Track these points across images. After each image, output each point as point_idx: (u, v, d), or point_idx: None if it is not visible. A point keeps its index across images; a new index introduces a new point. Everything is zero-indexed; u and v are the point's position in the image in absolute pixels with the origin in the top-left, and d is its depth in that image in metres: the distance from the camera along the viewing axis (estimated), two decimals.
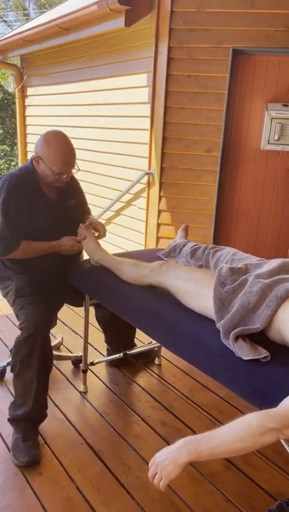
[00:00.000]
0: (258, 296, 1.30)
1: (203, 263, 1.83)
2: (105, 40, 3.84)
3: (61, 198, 1.99)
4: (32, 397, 1.77)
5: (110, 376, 2.39)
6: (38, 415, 1.83)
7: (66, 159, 1.83)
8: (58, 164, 1.82)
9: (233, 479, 1.71)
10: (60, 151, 1.82)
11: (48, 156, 1.81)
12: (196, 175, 3.43)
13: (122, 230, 4.11)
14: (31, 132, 5.67)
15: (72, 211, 2.05)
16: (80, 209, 2.13)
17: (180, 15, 3.20)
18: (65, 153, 1.83)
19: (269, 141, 3.27)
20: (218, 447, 0.99)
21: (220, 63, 3.19)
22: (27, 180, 1.89)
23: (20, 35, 4.56)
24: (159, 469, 1.03)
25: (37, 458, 1.74)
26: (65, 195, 2.01)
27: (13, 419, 1.82)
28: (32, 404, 1.77)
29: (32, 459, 1.72)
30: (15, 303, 1.90)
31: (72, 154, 1.86)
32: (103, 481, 1.68)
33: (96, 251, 1.95)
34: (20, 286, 1.92)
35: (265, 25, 3.05)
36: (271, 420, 0.96)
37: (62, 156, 1.82)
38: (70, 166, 1.85)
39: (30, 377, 1.76)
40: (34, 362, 1.74)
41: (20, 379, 1.78)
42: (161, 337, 1.57)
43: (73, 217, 2.05)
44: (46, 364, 1.80)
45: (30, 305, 1.83)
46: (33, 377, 1.76)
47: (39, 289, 1.92)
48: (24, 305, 1.84)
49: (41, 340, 1.75)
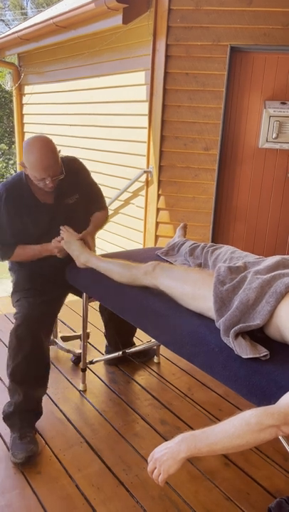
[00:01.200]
0: (257, 292, 1.30)
1: (201, 261, 1.83)
2: (103, 38, 3.83)
3: (59, 198, 1.97)
4: (19, 388, 1.80)
5: (109, 375, 2.39)
6: (28, 407, 1.83)
7: (45, 164, 1.78)
8: (38, 169, 1.79)
9: (232, 477, 1.71)
10: (39, 156, 1.77)
11: (28, 162, 1.80)
12: (195, 173, 3.43)
13: (121, 228, 4.11)
14: (29, 131, 5.65)
15: (71, 209, 2.02)
16: (84, 203, 2.08)
17: (178, 12, 3.20)
18: (44, 158, 1.78)
19: (267, 139, 3.27)
20: (217, 443, 0.99)
21: (218, 61, 3.18)
22: (19, 189, 1.91)
23: (18, 34, 4.54)
24: (157, 464, 1.03)
25: (35, 453, 1.75)
26: (64, 194, 1.99)
27: (7, 416, 1.83)
28: (20, 396, 1.79)
29: (30, 453, 1.73)
30: (14, 295, 2.00)
31: (52, 158, 1.80)
32: (103, 480, 1.68)
33: (81, 253, 1.89)
34: (18, 280, 2.02)
35: (262, 22, 3.04)
36: (270, 417, 0.96)
37: (40, 161, 1.77)
38: (49, 170, 1.80)
39: (14, 367, 1.79)
40: (20, 352, 1.78)
41: (8, 369, 1.82)
42: (160, 335, 1.57)
43: (74, 215, 2.02)
44: (34, 356, 1.81)
45: (25, 299, 1.90)
46: (17, 367, 1.79)
47: (37, 285, 1.97)
48: (20, 298, 1.93)
49: (30, 330, 1.78)
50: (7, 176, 10.58)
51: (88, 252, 1.90)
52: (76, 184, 2.02)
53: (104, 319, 2.40)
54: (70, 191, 2.00)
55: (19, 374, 1.80)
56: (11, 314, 2.99)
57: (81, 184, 2.06)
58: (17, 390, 1.81)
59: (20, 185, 1.91)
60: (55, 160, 1.81)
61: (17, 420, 1.81)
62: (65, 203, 2.00)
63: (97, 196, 2.17)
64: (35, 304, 1.86)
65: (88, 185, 2.12)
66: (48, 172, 1.80)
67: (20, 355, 1.78)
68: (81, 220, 2.04)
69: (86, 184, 2.10)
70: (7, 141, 11.50)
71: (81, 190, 2.05)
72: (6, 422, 1.84)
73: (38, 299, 1.89)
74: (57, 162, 1.83)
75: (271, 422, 0.96)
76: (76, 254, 1.92)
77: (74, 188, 2.01)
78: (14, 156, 9.98)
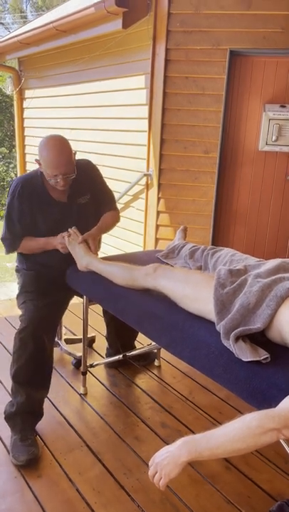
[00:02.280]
0: (258, 295, 1.30)
1: (202, 264, 1.83)
2: (103, 42, 3.85)
3: (72, 197, 2.02)
4: (20, 390, 1.82)
5: (110, 378, 2.39)
6: (29, 408, 1.84)
7: (58, 161, 1.83)
8: (50, 166, 1.84)
9: (233, 480, 1.71)
10: (53, 154, 1.83)
11: (42, 158, 1.86)
12: (195, 176, 3.44)
13: (121, 231, 4.11)
14: (29, 134, 5.67)
15: (83, 209, 2.06)
16: (96, 204, 2.11)
17: (177, 17, 3.21)
18: (57, 155, 1.83)
19: (267, 142, 3.28)
20: (218, 447, 0.99)
21: (217, 65, 3.20)
22: (34, 184, 1.96)
23: (18, 38, 4.56)
24: (158, 468, 1.03)
25: (36, 456, 1.75)
26: (77, 193, 2.03)
27: (9, 416, 1.84)
28: (22, 397, 1.81)
29: (32, 456, 1.73)
30: (19, 296, 2.02)
31: (65, 156, 1.85)
32: (103, 484, 1.67)
33: (83, 257, 1.91)
34: (25, 282, 2.04)
35: (262, 26, 3.05)
36: (271, 420, 0.96)
37: (53, 158, 1.83)
38: (61, 168, 1.84)
39: (17, 369, 1.82)
40: (24, 354, 1.81)
41: (11, 370, 1.85)
42: (161, 338, 1.57)
43: (85, 215, 2.06)
44: (37, 358, 1.83)
45: (30, 301, 1.92)
46: (19, 369, 1.82)
47: (42, 287, 1.99)
48: (25, 300, 1.95)
49: (34, 333, 1.81)
50: (7, 180, 10.62)
51: (90, 255, 1.91)
52: (88, 185, 2.07)
53: (106, 320, 2.41)
54: (83, 191, 2.04)
55: (22, 375, 1.82)
56: (11, 317, 2.99)
57: (93, 185, 2.10)
58: (19, 391, 1.82)
59: (35, 180, 1.97)
60: (68, 159, 1.86)
61: (19, 421, 1.82)
62: (77, 203, 2.04)
63: (109, 198, 2.19)
64: (40, 307, 1.88)
65: (100, 186, 2.15)
66: (60, 169, 1.84)
67: (23, 357, 1.81)
68: (91, 220, 2.06)
69: (98, 186, 2.14)
70: (8, 144, 11.53)
71: (93, 191, 2.09)
72: (7, 422, 1.85)
73: (43, 302, 1.91)
74: (70, 161, 1.87)
75: (272, 426, 0.96)
76: (78, 258, 1.93)
77: (86, 189, 2.06)
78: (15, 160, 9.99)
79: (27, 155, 5.82)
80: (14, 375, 1.83)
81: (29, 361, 1.81)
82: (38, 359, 1.83)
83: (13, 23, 19.10)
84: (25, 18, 18.88)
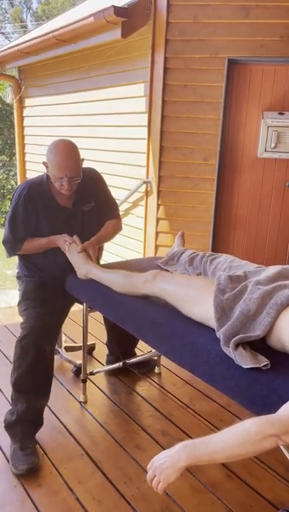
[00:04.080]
0: (258, 303, 1.30)
1: (201, 271, 1.83)
2: (102, 51, 3.88)
3: (77, 204, 2.03)
4: (21, 398, 1.80)
5: (110, 386, 2.38)
6: (29, 417, 1.83)
7: (64, 164, 1.85)
8: (56, 168, 1.86)
9: (234, 489, 1.69)
10: (60, 156, 1.86)
11: (50, 159, 1.88)
12: (194, 183, 3.45)
13: (121, 238, 4.11)
14: (29, 142, 5.70)
15: (87, 217, 2.07)
16: (99, 211, 2.12)
17: (176, 26, 3.24)
18: (64, 158, 1.86)
19: (266, 149, 3.30)
20: (217, 452, 0.98)
21: (216, 73, 3.22)
22: (41, 189, 1.98)
23: (18, 47, 4.60)
24: (157, 472, 1.03)
25: (36, 465, 1.74)
26: (81, 201, 2.04)
27: (9, 425, 1.83)
28: (23, 406, 1.80)
29: (32, 465, 1.72)
30: (20, 304, 2.01)
31: (72, 159, 1.88)
32: (104, 493, 1.66)
33: (83, 265, 1.91)
34: (27, 290, 2.03)
35: (259, 35, 3.08)
36: (270, 426, 0.96)
37: (60, 160, 1.86)
38: (67, 171, 1.86)
39: (18, 377, 1.81)
40: (25, 362, 1.80)
41: (11, 378, 1.83)
42: (161, 345, 1.57)
43: (88, 222, 2.07)
44: (39, 366, 1.82)
45: (32, 308, 1.92)
46: (20, 377, 1.81)
47: (44, 294, 1.99)
48: (27, 307, 1.94)
49: (35, 342, 1.80)
50: (8, 188, 10.65)
51: (89, 263, 1.91)
52: (93, 193, 2.08)
53: (106, 327, 2.41)
54: (87, 199, 2.06)
55: (23, 383, 1.81)
56: (11, 325, 2.98)
57: (98, 193, 2.12)
58: (20, 399, 1.81)
59: (42, 185, 1.98)
60: (75, 162, 1.89)
61: (19, 430, 1.81)
62: (82, 210, 2.05)
63: (112, 207, 2.21)
64: (42, 314, 1.88)
65: (104, 194, 2.17)
66: (66, 172, 1.86)
67: (24, 364, 1.80)
68: (94, 228, 2.08)
69: (103, 194, 2.16)
70: (8, 152, 11.60)
71: (97, 199, 2.11)
72: (7, 430, 1.84)
73: (45, 309, 1.91)
74: (76, 165, 1.89)
75: (271, 431, 0.96)
76: (77, 266, 1.94)
77: (91, 196, 2.07)
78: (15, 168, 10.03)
79: (27, 163, 5.84)
80: (15, 383, 1.82)
81: (30, 369, 1.80)
82: (38, 367, 1.82)
83: (14, 33, 19.29)
84: (26, 27, 19.07)
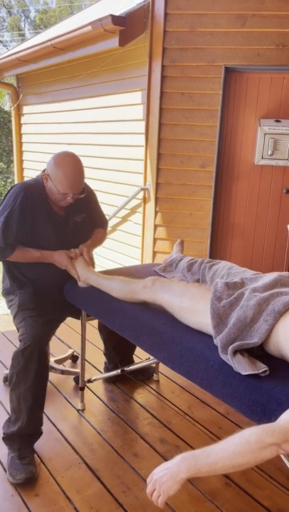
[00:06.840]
0: (255, 310, 1.30)
1: (199, 277, 1.83)
2: (100, 59, 3.91)
3: (69, 213, 2.03)
4: (26, 411, 1.76)
5: (108, 393, 2.37)
6: (32, 430, 1.80)
7: (72, 182, 1.86)
8: (63, 185, 1.85)
9: (233, 497, 1.68)
10: (67, 173, 1.85)
11: (55, 175, 1.86)
12: (191, 190, 3.46)
13: (119, 245, 4.12)
14: (27, 150, 5.71)
15: (78, 227, 2.07)
16: (89, 223, 2.14)
17: (173, 34, 3.27)
18: (72, 176, 1.86)
19: (263, 156, 3.32)
20: (217, 463, 0.97)
21: (213, 81, 3.25)
22: (37, 193, 1.94)
23: (16, 55, 4.63)
24: (157, 485, 1.01)
25: (34, 474, 1.72)
26: (74, 211, 2.04)
27: (7, 437, 1.79)
28: (26, 419, 1.76)
29: (30, 475, 1.69)
30: (17, 316, 1.95)
31: (79, 177, 1.89)
32: (102, 502, 1.64)
33: (82, 271, 1.92)
34: (23, 301, 1.98)
35: (256, 43, 3.12)
36: (270, 435, 0.95)
37: (68, 178, 1.85)
38: (75, 189, 1.87)
39: (25, 390, 1.75)
40: (31, 374, 1.74)
41: (15, 391, 1.78)
42: (159, 353, 1.56)
43: (79, 233, 2.08)
44: (42, 377, 1.79)
45: (30, 318, 1.87)
46: (27, 390, 1.75)
47: (41, 305, 1.96)
48: (25, 318, 1.88)
49: (38, 351, 1.76)
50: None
51: (88, 270, 1.91)
52: (85, 205, 2.09)
53: (102, 337, 2.39)
54: (79, 210, 2.06)
55: (30, 397, 1.75)
56: (7, 332, 2.97)
57: (89, 205, 2.13)
58: (22, 413, 1.76)
59: (38, 189, 1.95)
60: (81, 179, 1.90)
61: (17, 440, 1.78)
62: (73, 220, 2.06)
63: (101, 220, 2.25)
64: (40, 323, 1.84)
65: (95, 206, 2.20)
66: (73, 189, 1.87)
67: (30, 377, 1.74)
68: (83, 238, 2.08)
69: (93, 206, 2.18)
70: (5, 160, 11.62)
71: (88, 211, 2.13)
72: (5, 442, 1.81)
73: (43, 318, 1.88)
74: (82, 181, 1.91)
75: (271, 440, 0.95)
76: (79, 272, 1.93)
77: (83, 208, 2.08)
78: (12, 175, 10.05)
79: (25, 170, 5.86)
80: (23, 397, 1.74)
81: (35, 382, 1.74)
82: (42, 378, 1.78)
83: (12, 41, 19.42)
84: (23, 36, 19.21)
